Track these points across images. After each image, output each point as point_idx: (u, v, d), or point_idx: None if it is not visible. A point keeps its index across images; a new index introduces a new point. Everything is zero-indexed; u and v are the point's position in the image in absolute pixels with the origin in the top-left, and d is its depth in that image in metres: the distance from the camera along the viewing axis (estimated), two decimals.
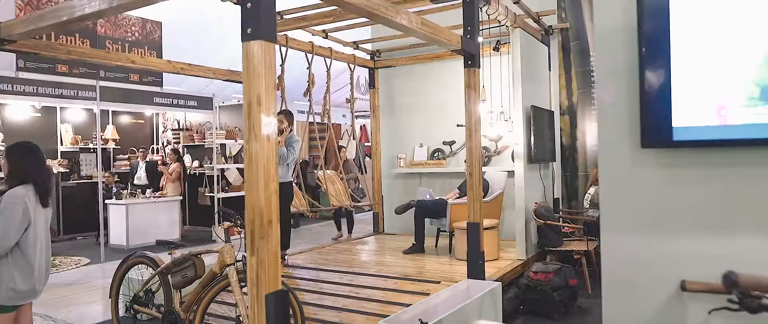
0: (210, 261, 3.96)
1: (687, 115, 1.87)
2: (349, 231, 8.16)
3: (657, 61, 1.87)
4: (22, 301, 3.26)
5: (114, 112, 9.53)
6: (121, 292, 4.31)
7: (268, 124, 2.44)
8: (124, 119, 9.95)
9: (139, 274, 4.38)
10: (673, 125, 1.89)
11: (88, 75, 7.08)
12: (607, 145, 2.10)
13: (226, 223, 3.74)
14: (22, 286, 3.19)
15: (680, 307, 1.93)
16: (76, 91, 6.93)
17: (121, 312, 4.29)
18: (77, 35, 6.92)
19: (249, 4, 2.43)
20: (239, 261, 3.68)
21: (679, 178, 1.96)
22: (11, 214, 3.12)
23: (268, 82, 2.46)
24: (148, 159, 9.36)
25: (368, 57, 7.62)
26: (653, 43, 1.87)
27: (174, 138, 9.81)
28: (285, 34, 6.09)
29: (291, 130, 5.61)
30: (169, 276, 3.95)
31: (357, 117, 7.26)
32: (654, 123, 1.91)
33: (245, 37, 2.43)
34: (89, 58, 4.33)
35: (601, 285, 2.12)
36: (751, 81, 1.76)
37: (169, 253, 3.98)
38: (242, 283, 3.65)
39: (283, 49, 6.15)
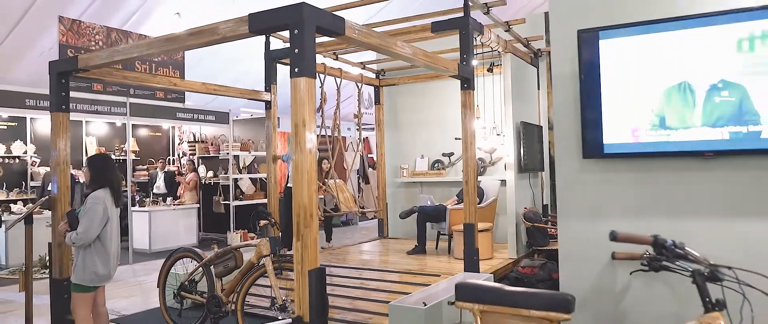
0: (246, 256, 4.79)
1: (613, 135, 2.71)
2: (328, 239, 8.31)
3: (592, 97, 2.72)
4: (101, 283, 4.11)
5: (133, 126, 10.39)
6: (167, 283, 5.13)
7: (310, 140, 3.30)
8: (143, 132, 10.80)
9: (182, 268, 5.21)
10: (603, 142, 2.73)
11: (119, 93, 7.94)
12: (561, 156, 2.94)
13: (263, 221, 4.58)
14: (102, 271, 4.02)
15: (612, 271, 2.76)
16: (109, 108, 7.80)
17: (168, 300, 5.11)
18: None
19: (296, 50, 3.30)
20: (273, 253, 4.52)
21: (609, 180, 2.80)
22: (94, 212, 3.96)
23: (310, 108, 3.31)
24: (166, 169, 10.18)
25: (374, 76, 8.47)
26: (589, 84, 2.72)
27: (190, 150, 10.65)
28: None
29: None
30: (212, 267, 4.78)
31: (363, 129, 8.09)
32: (591, 140, 2.75)
33: (293, 75, 3.29)
34: (141, 82, 5.20)
35: None
36: (652, 112, 2.61)
37: (212, 248, 4.81)
38: (276, 271, 4.48)
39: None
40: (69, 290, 4.77)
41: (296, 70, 3.29)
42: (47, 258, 6.09)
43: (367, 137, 13.15)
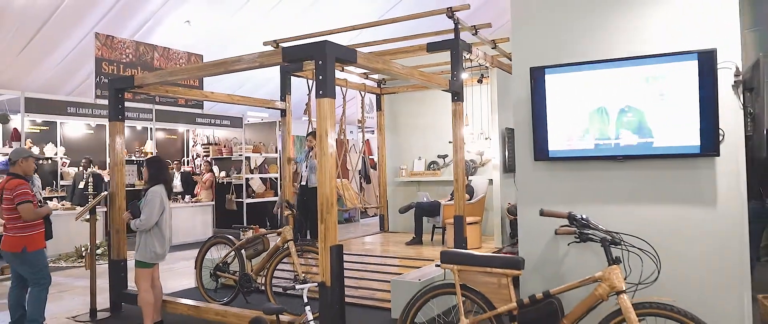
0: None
1: (555, 143, 3.81)
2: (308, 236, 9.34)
3: (541, 116, 3.82)
4: (158, 261, 5.21)
5: (151, 129, 11.51)
6: (203, 265, 6.24)
7: (331, 146, 4.41)
8: (160, 135, 11.91)
9: (216, 253, 6.31)
10: (549, 148, 3.84)
11: (145, 100, 9.06)
12: (520, 158, 4.06)
13: (287, 211, 5.70)
14: (159, 251, 5.13)
15: (555, 243, 3.86)
16: (137, 114, 8.91)
17: (204, 280, 6.21)
18: (139, 68, 8.91)
19: (321, 77, 4.41)
20: (295, 238, 5.64)
21: (553, 176, 3.91)
22: (153, 204, 5.05)
23: (331, 121, 4.43)
24: (182, 170, 11.30)
25: (375, 85, 9.58)
26: (538, 106, 3.82)
27: (204, 151, 11.77)
28: (311, 71, 8.05)
29: None
30: (243, 250, 5.89)
31: (366, 131, 9.17)
32: (540, 147, 3.86)
33: (318, 96, 4.41)
34: (181, 94, 6.31)
35: None
36: (581, 128, 3.72)
37: (243, 234, 5.93)
38: (297, 253, 5.60)
39: (310, 81, 8.09)
40: (125, 269, 5.93)
41: (320, 92, 4.42)
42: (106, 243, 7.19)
43: (368, 139, 14.28)
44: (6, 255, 5.22)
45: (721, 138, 3.39)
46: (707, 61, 3.34)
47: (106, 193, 5.82)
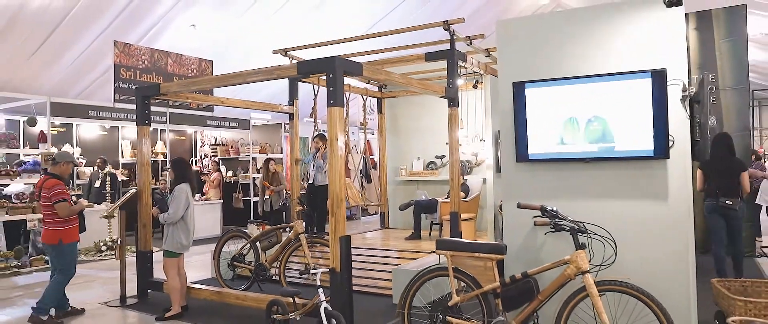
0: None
1: (535, 147, 4.52)
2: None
3: (522, 124, 4.53)
4: (183, 251, 5.92)
5: (163, 130, 12.19)
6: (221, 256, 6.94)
7: (341, 148, 5.11)
8: (169, 136, 12.60)
9: (230, 246, 7.00)
10: (529, 152, 4.55)
11: (160, 103, 9.72)
12: (504, 160, 4.78)
13: (299, 207, 6.40)
14: (185, 242, 5.84)
15: (534, 233, 4.56)
16: (153, 117, 9.59)
17: (222, 270, 6.90)
18: (154, 73, 9.60)
19: (331, 88, 5.11)
20: (305, 232, 6.34)
21: (533, 176, 4.62)
22: (179, 199, 5.77)
23: (341, 125, 5.12)
24: None
25: (377, 89, 10.27)
26: (520, 116, 4.53)
27: (212, 152, 12.46)
28: (317, 77, 8.75)
29: (326, 148, 8.25)
30: (258, 243, 6.59)
31: (367, 132, 9.85)
32: (521, 150, 4.57)
33: (329, 105, 5.11)
34: (201, 101, 7.00)
35: None
36: (556, 134, 4.42)
37: (259, 228, 6.62)
38: (308, 245, 6.30)
39: (315, 86, 8.79)
40: (151, 260, 6.63)
41: (331, 101, 5.12)
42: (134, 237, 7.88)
43: (368, 140, 14.94)
44: (45, 246, 5.93)
45: (671, 143, 4.10)
46: (659, 79, 4.05)
47: (135, 190, 6.50)
